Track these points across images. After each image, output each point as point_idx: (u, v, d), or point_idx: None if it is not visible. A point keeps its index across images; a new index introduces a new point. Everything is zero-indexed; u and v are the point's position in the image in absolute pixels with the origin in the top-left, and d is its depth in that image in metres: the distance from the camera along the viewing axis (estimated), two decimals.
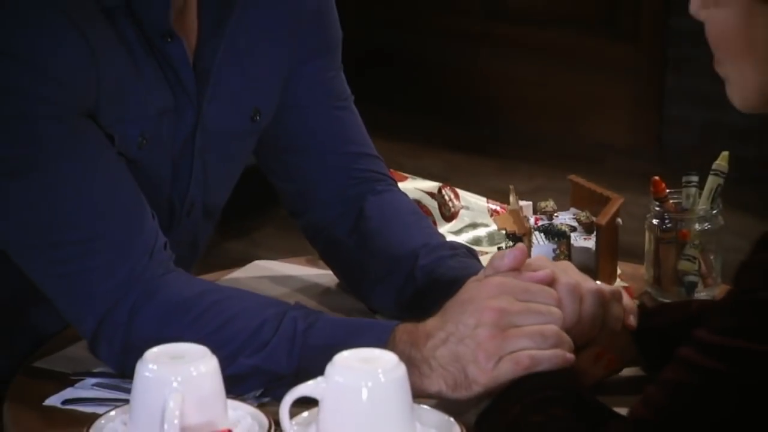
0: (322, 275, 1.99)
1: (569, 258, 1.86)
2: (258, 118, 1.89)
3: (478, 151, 4.93)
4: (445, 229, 2.05)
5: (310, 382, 1.48)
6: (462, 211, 2.05)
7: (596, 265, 1.86)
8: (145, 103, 1.76)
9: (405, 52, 5.27)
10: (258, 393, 1.63)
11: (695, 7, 1.42)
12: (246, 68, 1.87)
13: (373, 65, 5.17)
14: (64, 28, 1.67)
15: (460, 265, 1.79)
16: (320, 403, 1.48)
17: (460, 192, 2.08)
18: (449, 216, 2.03)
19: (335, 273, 1.97)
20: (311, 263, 2.03)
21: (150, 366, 1.49)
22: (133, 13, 1.74)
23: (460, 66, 5.12)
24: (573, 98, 5.00)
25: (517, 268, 1.64)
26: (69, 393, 1.68)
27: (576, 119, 4.96)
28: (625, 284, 1.85)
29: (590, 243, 1.90)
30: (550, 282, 1.62)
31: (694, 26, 1.44)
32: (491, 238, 2.09)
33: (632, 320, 1.66)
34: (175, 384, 1.47)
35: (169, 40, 1.77)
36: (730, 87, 1.43)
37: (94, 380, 1.71)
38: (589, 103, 4.96)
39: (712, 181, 1.85)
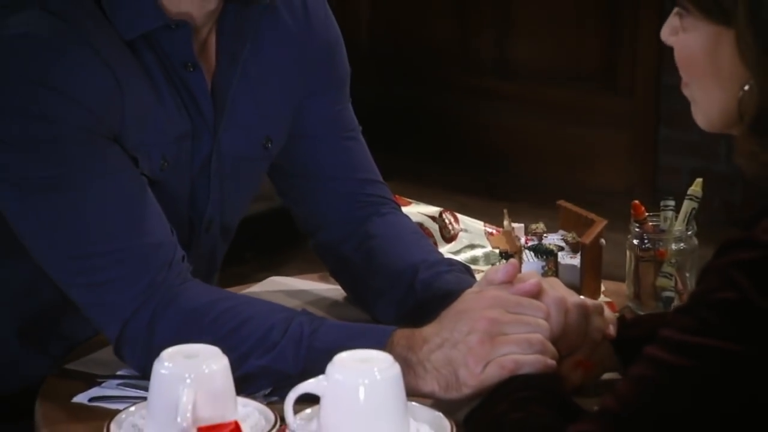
0: (332, 290, 1.99)
1: (556, 275, 1.86)
2: (270, 145, 1.89)
3: (487, 194, 4.93)
4: (445, 250, 2.05)
5: (312, 380, 1.49)
6: (461, 234, 2.05)
7: (581, 282, 1.87)
8: (166, 128, 1.76)
9: (423, 105, 5.27)
10: (267, 392, 1.63)
11: (665, 34, 1.43)
12: (259, 99, 1.87)
13: (392, 116, 5.17)
14: (93, 61, 1.67)
15: (456, 279, 1.79)
16: (321, 400, 1.48)
17: (460, 216, 2.09)
18: (449, 238, 2.03)
19: (343, 287, 1.97)
20: (323, 279, 2.03)
21: (166, 364, 1.49)
22: (155, 45, 1.74)
23: (473, 118, 5.12)
24: (575, 148, 5.00)
25: (509, 282, 1.64)
26: (95, 392, 1.68)
27: (577, 167, 4.96)
28: (608, 299, 1.85)
29: (576, 261, 1.91)
30: (538, 291, 1.62)
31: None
32: (487, 258, 2.09)
33: (612, 331, 1.66)
34: (188, 380, 1.47)
35: (191, 69, 1.76)
36: (696, 107, 1.44)
37: (118, 380, 1.70)
38: (589, 152, 4.96)
39: (687, 206, 1.85)
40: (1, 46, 1.66)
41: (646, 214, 1.89)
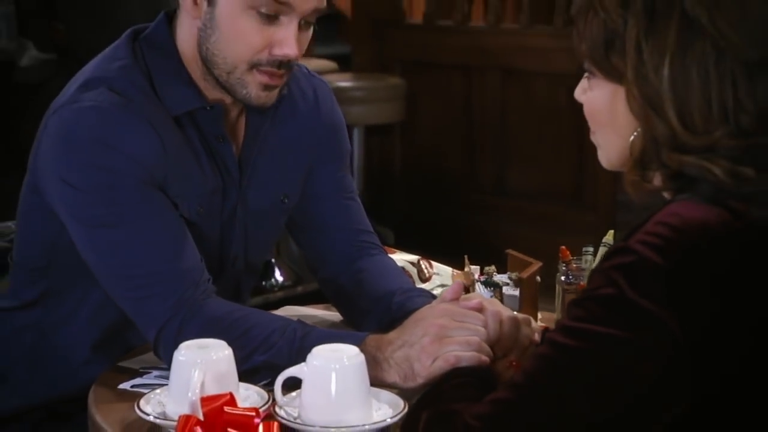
0: (332, 315, 1.95)
1: (502, 303, 1.78)
2: (286, 200, 1.89)
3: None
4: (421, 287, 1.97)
5: (296, 367, 1.48)
6: (434, 276, 2.03)
7: (520, 309, 1.84)
8: (201, 184, 1.76)
9: (441, 216, 5.26)
10: (266, 382, 1.58)
11: (578, 94, 1.43)
12: (277, 165, 1.86)
13: (419, 224, 5.18)
14: (145, 128, 1.68)
15: (423, 302, 1.76)
16: (302, 382, 1.46)
17: (433, 263, 2.03)
18: (425, 279, 2.01)
19: (339, 311, 1.94)
20: (326, 308, 2.00)
21: (182, 352, 1.49)
22: (195, 120, 1.74)
23: (477, 227, 5.07)
24: (554, 251, 4.91)
25: (456, 298, 1.63)
26: (136, 381, 1.67)
27: (555, 266, 4.88)
28: (544, 324, 1.76)
29: (517, 293, 1.88)
30: (480, 308, 1.60)
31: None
32: None
33: (537, 338, 1.64)
34: (198, 365, 1.45)
35: (221, 141, 1.74)
36: (600, 151, 1.43)
37: (156, 372, 1.68)
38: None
39: (602, 250, 1.82)
40: (77, 114, 1.66)
41: (571, 257, 1.86)
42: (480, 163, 5.32)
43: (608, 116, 1.35)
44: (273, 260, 4.31)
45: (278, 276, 4.35)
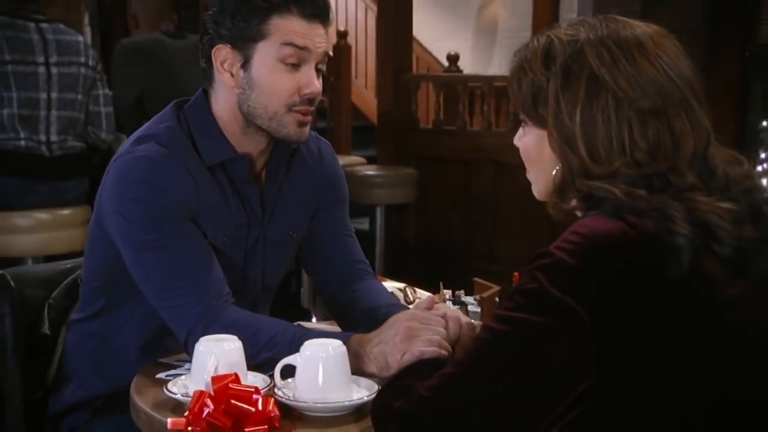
0: (335, 328, 1.87)
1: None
2: (294, 235, 1.86)
3: None
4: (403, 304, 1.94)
5: (291, 356, 1.47)
6: (417, 300, 1.97)
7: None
8: (227, 218, 1.74)
9: (443, 278, 5.19)
10: (270, 374, 1.53)
11: (516, 140, 1.42)
12: (290, 206, 1.84)
13: (423, 283, 5.11)
14: (183, 173, 1.67)
15: None
16: (297, 368, 1.45)
17: (417, 290, 2.00)
18: (410, 302, 1.97)
19: (337, 322, 1.89)
20: (331, 324, 1.93)
21: (202, 343, 1.47)
22: (225, 168, 1.74)
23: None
24: None
25: (429, 308, 1.61)
26: (171, 372, 1.62)
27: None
28: None
29: (479, 309, 1.83)
30: (443, 315, 1.57)
31: None
32: None
33: None
34: (213, 353, 1.43)
35: (248, 185, 1.73)
36: (533, 185, 1.41)
37: (187, 366, 1.63)
38: None
39: None
40: (131, 162, 1.66)
41: None
42: (476, 236, 5.30)
43: (537, 156, 1.34)
44: (310, 308, 4.28)
45: (314, 322, 4.31)
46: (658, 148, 1.24)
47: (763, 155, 3.35)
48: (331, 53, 5.64)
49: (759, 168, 3.35)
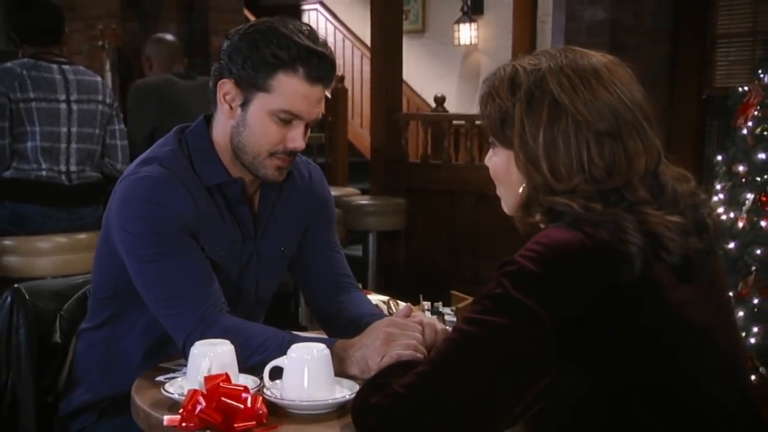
0: (323, 336, 1.85)
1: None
2: (285, 251, 1.84)
3: None
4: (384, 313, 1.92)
5: (279, 358, 1.44)
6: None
7: None
8: (224, 235, 1.72)
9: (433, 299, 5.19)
10: (261, 376, 1.52)
11: (486, 160, 1.40)
12: (281, 225, 1.82)
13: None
14: (183, 192, 1.66)
15: None
16: (284, 370, 1.43)
17: (399, 302, 1.97)
18: (392, 314, 1.90)
19: (324, 331, 1.86)
20: (320, 332, 1.89)
21: (196, 347, 1.45)
22: (222, 190, 1.73)
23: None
24: None
25: (407, 316, 1.60)
26: (169, 375, 1.60)
27: None
28: None
29: (455, 319, 1.81)
30: (420, 322, 1.57)
31: None
32: None
33: None
34: (207, 355, 1.42)
35: (242, 205, 1.73)
36: (503, 202, 1.40)
37: (185, 369, 1.59)
38: None
39: None
40: (135, 182, 1.65)
41: None
42: (460, 260, 5.28)
43: (505, 175, 1.33)
44: (308, 327, 4.25)
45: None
46: (613, 166, 1.24)
47: (718, 186, 3.35)
48: (329, 95, 5.66)
49: (715, 198, 3.34)
